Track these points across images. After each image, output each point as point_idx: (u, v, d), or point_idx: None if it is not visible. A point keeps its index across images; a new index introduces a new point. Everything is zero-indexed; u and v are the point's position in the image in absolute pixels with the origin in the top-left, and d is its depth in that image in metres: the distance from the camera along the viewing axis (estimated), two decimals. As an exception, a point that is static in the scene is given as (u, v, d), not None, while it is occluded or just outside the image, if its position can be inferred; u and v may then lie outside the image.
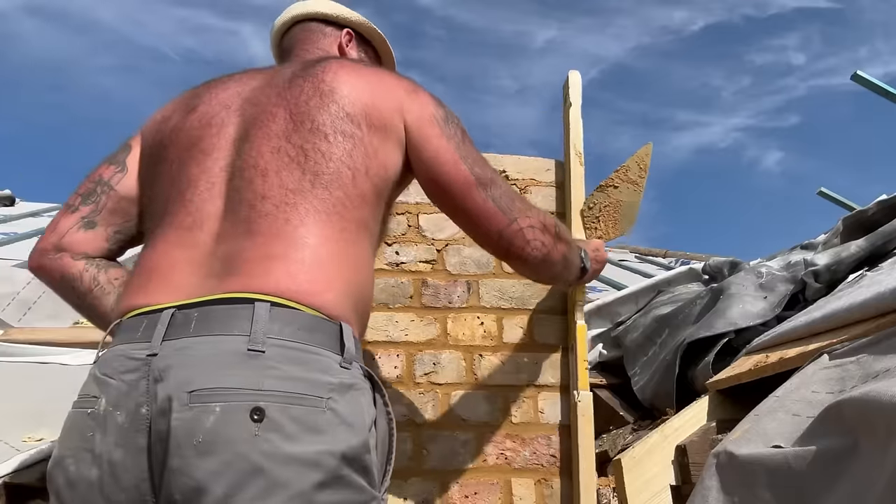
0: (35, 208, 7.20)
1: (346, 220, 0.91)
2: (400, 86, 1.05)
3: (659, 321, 2.41)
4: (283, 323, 0.79)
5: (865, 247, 2.08)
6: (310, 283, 0.83)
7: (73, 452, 0.79)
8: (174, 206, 0.93)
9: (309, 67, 1.04)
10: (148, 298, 0.85)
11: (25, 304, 2.81)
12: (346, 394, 0.80)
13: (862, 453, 0.87)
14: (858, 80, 4.30)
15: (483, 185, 1.03)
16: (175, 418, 0.72)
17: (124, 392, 0.77)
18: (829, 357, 1.24)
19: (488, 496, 1.45)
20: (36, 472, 1.52)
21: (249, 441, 0.71)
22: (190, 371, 0.75)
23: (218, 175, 0.93)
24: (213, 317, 0.79)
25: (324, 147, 0.93)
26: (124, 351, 0.81)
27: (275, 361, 0.77)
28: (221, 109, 1.01)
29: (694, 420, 1.55)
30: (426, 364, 1.53)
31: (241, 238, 0.86)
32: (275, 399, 0.74)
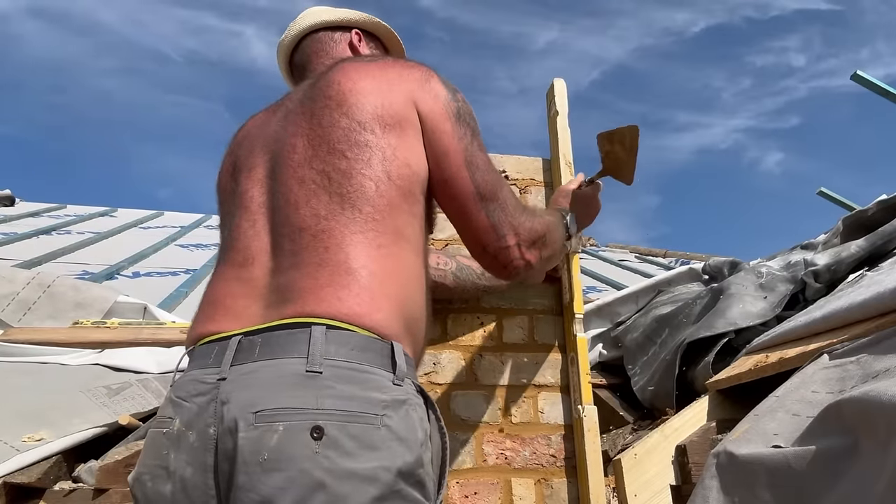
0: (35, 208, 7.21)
1: (381, 234, 0.93)
2: (410, 75, 1.05)
3: (659, 321, 2.41)
4: (338, 344, 0.83)
5: (865, 247, 2.08)
6: (359, 306, 0.87)
7: (150, 469, 0.84)
8: (228, 245, 1.01)
9: (315, 85, 1.05)
10: (216, 326, 0.91)
11: (25, 305, 2.80)
12: (399, 410, 0.83)
13: (862, 453, 0.87)
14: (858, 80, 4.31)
15: (482, 196, 1.04)
16: (242, 437, 0.76)
17: (195, 413, 0.82)
18: (829, 357, 1.24)
19: (488, 496, 1.45)
20: (36, 472, 1.52)
21: (311, 458, 0.75)
22: (254, 393, 0.79)
23: (257, 213, 1.00)
24: (274, 341, 0.84)
25: (343, 165, 0.95)
26: (197, 376, 0.86)
27: (332, 381, 0.80)
28: (248, 153, 1.08)
29: (694, 420, 1.55)
30: (426, 364, 1.53)
31: (290, 271, 0.90)
32: (333, 417, 0.78)
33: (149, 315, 2.91)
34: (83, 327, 2.58)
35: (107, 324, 2.64)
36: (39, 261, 4.27)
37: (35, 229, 5.71)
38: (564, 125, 1.64)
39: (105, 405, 1.81)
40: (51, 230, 5.85)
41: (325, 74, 1.06)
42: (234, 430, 0.77)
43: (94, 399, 1.83)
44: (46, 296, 2.85)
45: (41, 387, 1.90)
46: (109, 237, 5.83)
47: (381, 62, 1.09)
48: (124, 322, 2.69)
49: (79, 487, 1.53)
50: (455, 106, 1.05)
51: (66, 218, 6.74)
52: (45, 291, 2.87)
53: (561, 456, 1.50)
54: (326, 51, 1.26)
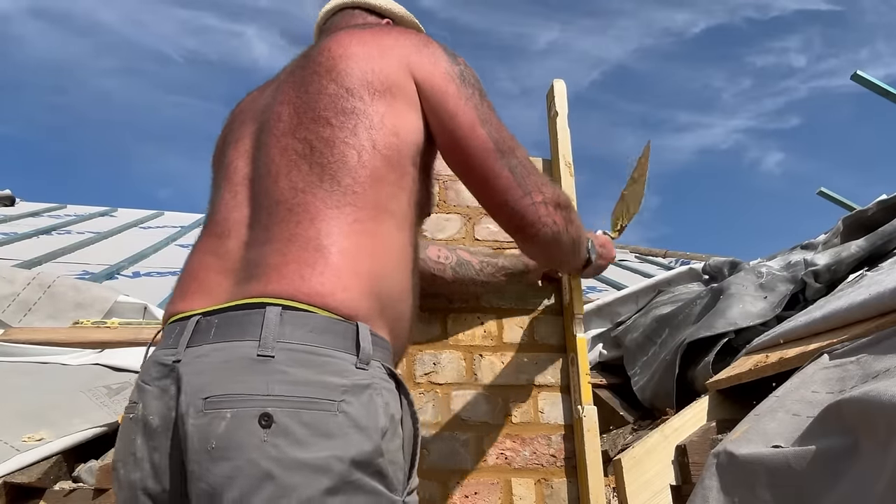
0: (35, 208, 7.21)
1: (360, 208, 0.89)
2: (406, 41, 1.01)
3: (659, 321, 2.41)
4: (294, 326, 0.79)
5: (865, 247, 2.08)
6: (322, 285, 0.82)
7: (122, 457, 0.83)
8: (210, 217, 0.99)
9: (309, 52, 1.03)
10: (185, 304, 0.88)
11: (26, 305, 2.80)
12: (360, 395, 0.79)
13: (862, 453, 0.87)
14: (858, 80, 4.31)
15: (502, 152, 0.99)
16: (191, 424, 0.74)
17: (157, 397, 0.80)
18: (829, 357, 1.24)
19: (488, 496, 1.45)
20: (36, 472, 1.52)
21: (258, 447, 0.72)
22: (204, 378, 0.77)
23: (240, 184, 0.97)
24: (231, 322, 0.81)
25: (326, 133, 0.91)
26: (158, 357, 0.84)
27: (284, 366, 0.77)
28: (239, 125, 1.06)
29: (694, 420, 1.55)
30: (426, 364, 1.53)
31: (261, 245, 0.88)
32: (284, 404, 0.74)
33: (149, 315, 2.91)
34: (83, 327, 2.58)
35: (107, 324, 2.64)
36: (39, 261, 4.27)
37: (35, 229, 5.71)
38: (564, 126, 1.64)
39: (105, 405, 1.81)
40: (51, 230, 5.85)
41: (320, 44, 1.02)
42: (186, 416, 0.75)
43: (95, 399, 1.83)
44: (47, 296, 2.85)
45: (41, 387, 1.90)
46: (109, 237, 5.83)
47: (376, 28, 1.05)
48: (124, 322, 2.69)
49: (79, 487, 1.53)
50: (458, 69, 1.01)
51: (66, 218, 6.74)
52: (46, 292, 2.87)
53: (561, 456, 1.50)
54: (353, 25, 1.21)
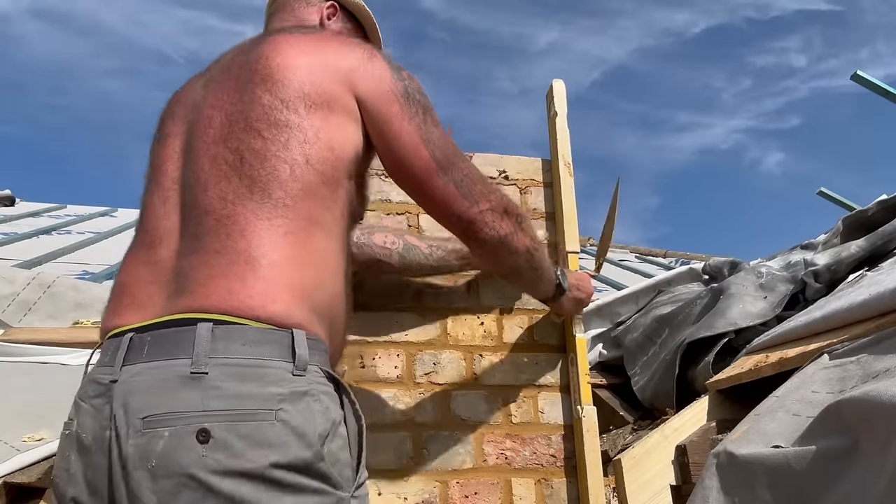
0: (35, 208, 7.20)
1: (291, 220, 0.88)
2: (350, 55, 0.99)
3: (659, 321, 2.41)
4: (227, 340, 0.79)
5: (865, 247, 2.08)
6: (252, 298, 0.82)
7: (58, 472, 0.83)
8: (140, 224, 0.96)
9: (246, 52, 1.00)
10: (119, 320, 0.87)
11: (26, 305, 2.81)
12: (298, 403, 0.79)
13: (862, 453, 0.87)
14: (858, 80, 4.31)
15: (444, 169, 1.01)
16: (130, 444, 0.75)
17: (91, 416, 0.81)
18: (830, 357, 1.24)
19: (488, 496, 1.45)
20: (36, 472, 1.52)
21: (198, 462, 0.73)
22: (141, 397, 0.77)
23: (170, 189, 0.94)
24: (163, 340, 0.81)
25: (258, 145, 0.90)
26: (95, 375, 0.84)
27: (218, 381, 0.77)
28: (170, 119, 1.01)
29: (694, 420, 1.55)
30: (426, 364, 1.53)
31: (190, 256, 0.86)
32: (220, 418, 0.75)
33: (149, 315, 2.90)
34: (83, 327, 2.58)
35: (107, 324, 2.64)
36: (39, 261, 4.27)
37: (35, 229, 5.71)
38: (564, 126, 1.64)
39: (105, 405, 1.81)
40: (51, 230, 5.85)
41: (256, 47, 1.00)
42: (126, 436, 0.75)
43: (95, 399, 1.83)
44: (47, 296, 2.86)
45: (41, 387, 1.90)
46: (109, 237, 5.83)
47: (317, 36, 1.03)
48: (124, 322, 2.69)
49: (79, 487, 1.53)
50: (402, 85, 1.00)
51: (66, 218, 6.74)
52: (46, 292, 2.87)
53: (561, 456, 1.50)
54: (293, 9, 1.19)
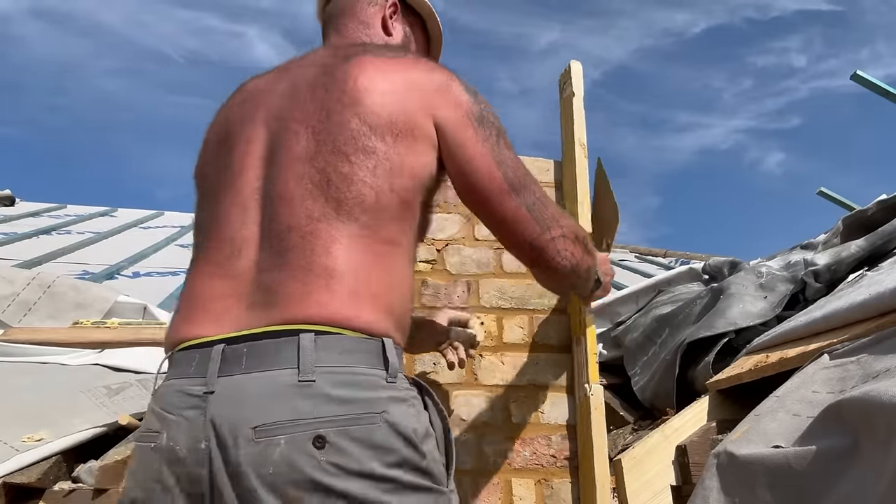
0: (35, 208, 7.20)
1: (374, 242, 0.91)
2: (431, 82, 1.01)
3: (659, 321, 2.41)
4: (328, 350, 0.82)
5: (865, 247, 2.08)
6: (344, 309, 0.85)
7: (143, 485, 0.83)
8: (212, 232, 0.95)
9: (332, 71, 1.00)
10: (196, 330, 0.88)
11: (26, 305, 2.80)
12: (398, 406, 0.84)
13: (862, 453, 0.87)
14: (858, 80, 4.31)
15: (517, 191, 1.02)
16: (243, 454, 0.76)
17: (184, 428, 0.81)
18: (830, 357, 1.24)
19: (488, 496, 1.45)
20: (35, 472, 1.52)
21: (317, 466, 0.76)
22: (249, 408, 0.79)
23: (249, 199, 0.94)
24: (262, 351, 0.82)
25: (345, 170, 0.91)
26: (181, 386, 0.84)
27: (326, 388, 0.80)
28: (245, 125, 1.01)
29: (694, 420, 1.55)
30: (426, 364, 1.53)
31: (275, 271, 0.87)
32: (332, 424, 0.78)
33: (149, 315, 2.91)
34: (83, 327, 2.58)
35: (107, 324, 2.64)
36: (39, 261, 4.27)
37: (35, 229, 5.71)
38: (580, 106, 1.61)
39: (105, 405, 1.81)
40: (51, 230, 5.85)
41: (344, 64, 1.00)
42: (234, 447, 0.77)
43: (94, 399, 1.83)
44: (47, 296, 2.85)
45: (41, 387, 1.89)
46: (109, 237, 5.83)
47: (402, 62, 1.04)
48: (124, 322, 2.69)
49: (79, 487, 1.53)
50: (478, 109, 1.02)
51: (66, 218, 6.74)
52: (46, 292, 2.87)
53: (561, 456, 1.50)
54: (356, 12, 1.19)
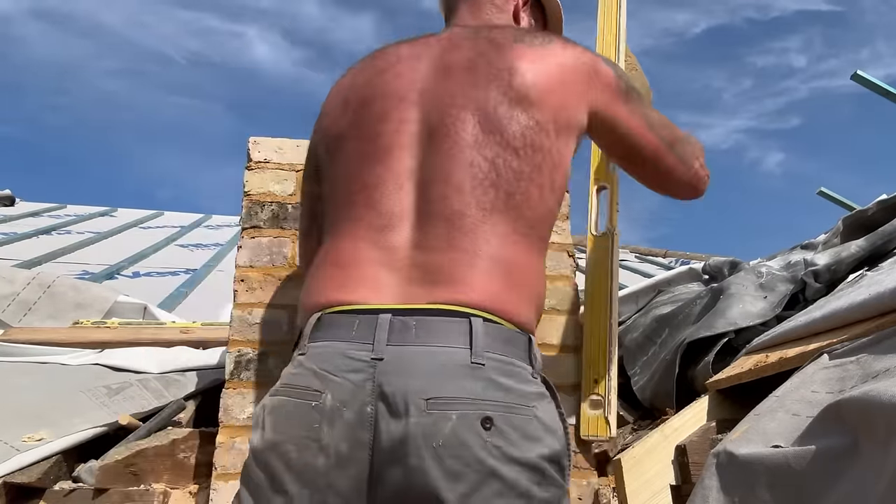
0: (35, 208, 7.21)
1: (536, 239, 0.95)
2: (581, 68, 1.03)
3: (659, 321, 2.41)
4: (492, 337, 0.85)
5: (865, 247, 2.08)
6: (510, 303, 0.89)
7: (296, 440, 0.83)
8: (360, 202, 0.96)
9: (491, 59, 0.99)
10: (351, 296, 0.89)
11: (26, 305, 2.80)
12: (542, 402, 0.87)
13: (862, 453, 0.87)
14: (858, 80, 4.31)
15: (670, 145, 1.11)
16: (413, 422, 0.79)
17: (350, 391, 0.82)
18: (829, 357, 1.24)
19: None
20: (36, 472, 1.52)
21: (483, 447, 0.79)
22: (423, 379, 0.81)
23: (404, 177, 0.95)
24: (432, 327, 0.84)
25: (515, 164, 0.93)
26: (343, 350, 0.85)
27: (493, 374, 0.83)
28: (398, 102, 1.00)
29: (694, 420, 1.55)
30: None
31: (441, 252, 0.90)
32: (497, 409, 0.81)
33: (149, 315, 2.91)
34: (83, 327, 2.58)
35: (107, 324, 2.64)
36: (39, 261, 4.27)
37: (35, 229, 5.71)
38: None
39: (105, 405, 1.81)
40: (51, 230, 5.85)
41: (502, 53, 1.00)
42: (405, 414, 0.79)
43: (94, 399, 1.83)
44: (47, 296, 2.85)
45: (41, 387, 1.89)
46: (109, 237, 5.83)
47: (554, 50, 1.04)
48: (124, 322, 2.69)
49: (79, 487, 1.53)
50: (623, 84, 1.06)
51: (66, 218, 6.74)
52: (46, 291, 2.87)
53: (561, 456, 1.50)
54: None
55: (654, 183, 1.18)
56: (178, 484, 1.59)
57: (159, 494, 1.52)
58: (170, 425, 1.75)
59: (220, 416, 1.46)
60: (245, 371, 1.50)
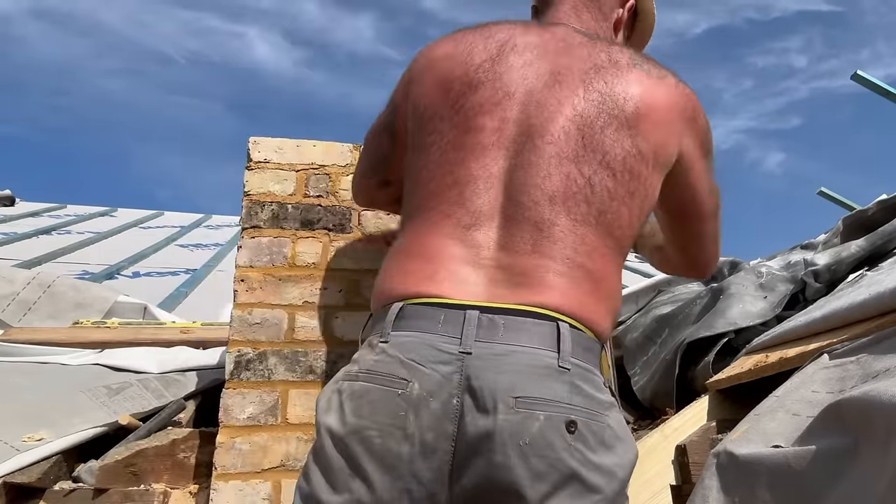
0: (35, 208, 7.21)
1: (617, 256, 0.96)
2: (686, 111, 1.03)
3: (659, 321, 2.41)
4: (576, 343, 0.86)
5: (865, 247, 2.08)
6: (595, 313, 0.91)
7: (380, 427, 0.83)
8: (450, 198, 0.96)
9: (607, 74, 0.99)
10: (436, 289, 0.90)
11: (26, 305, 2.80)
12: (613, 411, 0.88)
13: (862, 453, 0.87)
14: (858, 80, 4.31)
15: (714, 215, 1.14)
16: (501, 419, 0.80)
17: (437, 382, 0.83)
18: (829, 357, 1.24)
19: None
20: (36, 472, 1.52)
21: (567, 449, 0.80)
22: (512, 378, 0.82)
23: (496, 177, 0.95)
24: (520, 327, 0.85)
25: (610, 184, 0.94)
26: (430, 341, 0.86)
27: (577, 379, 0.84)
28: (504, 97, 0.98)
29: (694, 420, 1.55)
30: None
31: (528, 256, 0.91)
32: (581, 414, 0.82)
33: (149, 315, 2.91)
34: (83, 327, 2.58)
35: (107, 324, 2.64)
36: (39, 261, 4.27)
37: (35, 229, 5.71)
38: None
39: (105, 405, 1.81)
40: (51, 230, 5.85)
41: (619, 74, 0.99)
42: (493, 410, 0.80)
43: (94, 399, 1.83)
44: (46, 296, 2.86)
45: (41, 387, 1.89)
46: (109, 237, 5.84)
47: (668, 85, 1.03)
48: (124, 322, 2.69)
49: (79, 487, 1.53)
50: (709, 139, 1.08)
51: (66, 218, 6.74)
52: (46, 291, 2.87)
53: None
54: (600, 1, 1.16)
55: (686, 248, 1.20)
56: (178, 484, 1.59)
57: (159, 494, 1.52)
58: (170, 425, 1.75)
59: (220, 416, 1.46)
60: (245, 371, 1.50)
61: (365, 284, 1.60)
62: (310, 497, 0.84)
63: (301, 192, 1.66)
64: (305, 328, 1.56)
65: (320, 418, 0.88)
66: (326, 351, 1.55)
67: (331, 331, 1.56)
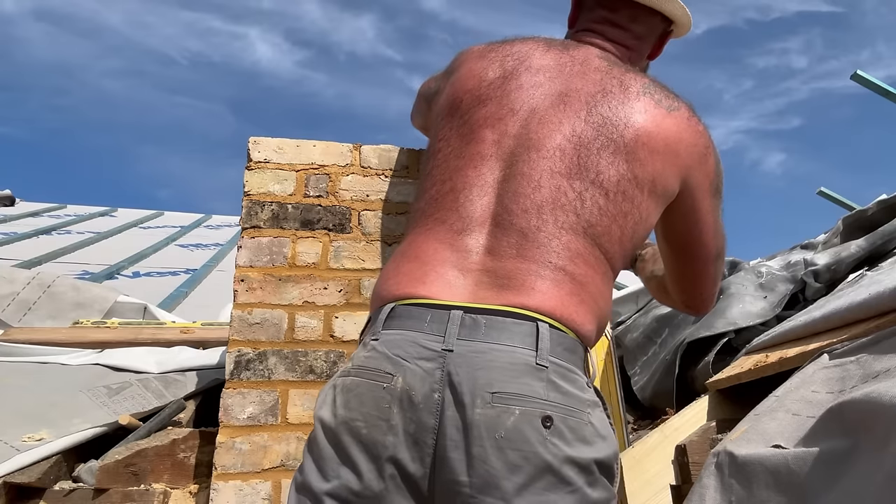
0: (35, 208, 7.21)
1: (604, 266, 0.98)
2: (694, 148, 1.05)
3: (659, 321, 2.41)
4: (555, 343, 0.89)
5: (865, 247, 2.08)
6: (577, 314, 0.93)
7: (366, 418, 0.87)
8: (446, 203, 1.02)
9: (613, 99, 1.02)
10: (425, 291, 0.94)
11: (26, 305, 2.81)
12: (595, 410, 0.91)
13: (862, 454, 0.87)
14: (858, 80, 4.31)
15: (719, 256, 1.16)
16: (478, 413, 0.83)
17: (420, 376, 0.87)
18: (829, 356, 1.24)
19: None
20: (36, 472, 1.52)
21: (542, 443, 0.83)
22: (490, 374, 0.85)
23: (490, 185, 1.00)
24: (501, 327, 0.89)
25: (602, 202, 0.98)
26: (415, 339, 0.90)
27: (555, 377, 0.87)
28: (508, 113, 1.05)
29: (694, 420, 1.55)
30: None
31: (513, 260, 0.94)
32: (557, 410, 0.85)
33: (149, 315, 2.91)
34: (83, 327, 2.58)
35: (107, 324, 2.64)
36: (39, 261, 4.28)
37: (35, 229, 5.71)
38: None
39: (105, 405, 1.81)
40: (51, 230, 5.85)
41: (627, 102, 1.02)
42: (470, 405, 0.83)
43: (95, 399, 1.83)
44: (46, 296, 2.86)
45: (41, 387, 1.90)
46: (109, 237, 5.84)
47: (678, 119, 1.05)
48: (124, 322, 2.69)
49: (79, 487, 1.53)
50: (719, 181, 1.10)
51: (66, 218, 6.74)
52: (46, 291, 2.87)
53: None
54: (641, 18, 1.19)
55: (683, 285, 1.22)
56: (178, 484, 1.59)
57: (159, 494, 1.52)
58: (170, 425, 1.75)
59: (220, 415, 1.46)
60: (245, 371, 1.50)
61: (365, 284, 1.60)
62: (302, 486, 0.88)
63: (301, 192, 1.66)
64: (305, 328, 1.56)
65: (316, 412, 0.93)
66: (326, 351, 1.55)
67: (331, 331, 1.57)
